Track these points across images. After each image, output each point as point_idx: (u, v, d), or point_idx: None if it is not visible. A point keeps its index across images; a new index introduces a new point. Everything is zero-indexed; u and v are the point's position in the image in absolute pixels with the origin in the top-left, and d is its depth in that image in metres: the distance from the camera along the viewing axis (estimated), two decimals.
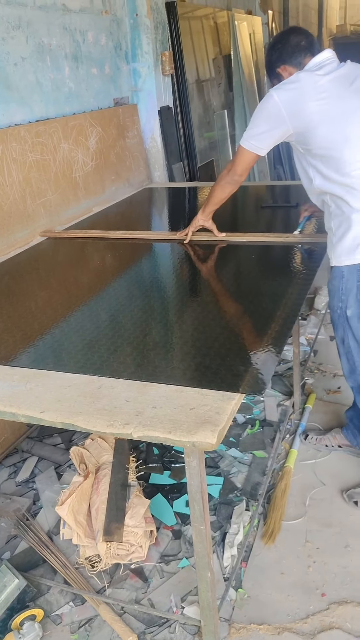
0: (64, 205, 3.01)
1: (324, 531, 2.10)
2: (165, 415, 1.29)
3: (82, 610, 1.87)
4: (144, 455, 2.48)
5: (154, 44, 3.72)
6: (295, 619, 1.79)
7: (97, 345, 1.64)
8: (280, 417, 2.71)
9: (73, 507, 1.97)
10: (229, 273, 2.19)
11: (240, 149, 2.06)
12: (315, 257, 2.19)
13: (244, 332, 1.65)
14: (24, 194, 2.72)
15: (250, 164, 2.11)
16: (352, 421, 2.39)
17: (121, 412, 1.32)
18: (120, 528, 1.91)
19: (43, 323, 1.82)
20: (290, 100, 1.89)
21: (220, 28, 5.56)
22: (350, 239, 1.92)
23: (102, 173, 3.38)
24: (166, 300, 2.00)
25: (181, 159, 4.20)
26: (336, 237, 1.97)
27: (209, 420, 1.25)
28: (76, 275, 2.32)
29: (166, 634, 1.77)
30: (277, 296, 1.87)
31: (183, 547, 2.05)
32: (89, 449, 2.28)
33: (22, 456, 2.58)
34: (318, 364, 3.17)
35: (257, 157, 2.06)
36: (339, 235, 1.96)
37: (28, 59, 2.77)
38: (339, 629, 1.74)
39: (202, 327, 1.70)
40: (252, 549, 2.05)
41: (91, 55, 3.30)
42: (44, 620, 1.83)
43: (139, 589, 1.91)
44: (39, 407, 1.36)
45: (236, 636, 1.75)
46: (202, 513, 1.42)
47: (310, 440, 2.52)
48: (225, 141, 5.74)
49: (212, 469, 2.40)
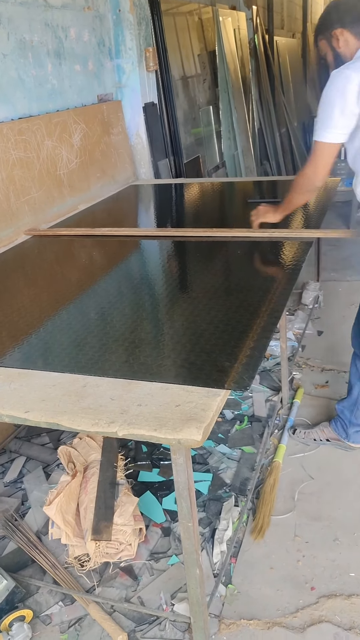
0: (49, 203, 2.99)
1: (313, 525, 2.11)
2: (150, 412, 1.28)
3: (72, 610, 1.86)
4: (132, 453, 2.48)
5: (137, 39, 3.70)
6: (285, 614, 1.80)
7: (82, 343, 1.63)
8: (269, 413, 2.71)
9: (61, 506, 1.96)
10: (215, 269, 2.18)
11: (318, 145, 1.92)
12: (301, 251, 2.19)
13: (230, 327, 1.64)
14: (8, 192, 2.69)
15: (333, 157, 1.95)
16: (342, 413, 2.41)
17: (106, 410, 1.31)
18: (109, 527, 1.90)
19: (28, 322, 1.81)
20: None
21: (205, 24, 5.55)
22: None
23: (87, 170, 3.36)
24: (153, 297, 2.00)
25: (167, 156, 4.18)
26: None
27: (194, 417, 1.25)
28: (63, 273, 2.30)
29: (156, 632, 1.77)
30: (263, 291, 1.87)
31: (172, 544, 2.05)
32: (77, 448, 2.27)
33: (10, 456, 2.56)
34: (306, 359, 3.18)
35: (339, 147, 1.92)
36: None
37: (9, 55, 2.74)
38: (328, 622, 1.75)
39: (188, 323, 1.70)
40: (241, 544, 2.05)
41: (74, 51, 3.27)
42: (33, 620, 1.82)
43: (128, 587, 1.91)
44: (23, 407, 1.35)
45: (226, 632, 1.75)
46: (190, 510, 1.42)
47: (299, 435, 2.53)
48: (212, 137, 5.73)
49: (201, 466, 2.40)
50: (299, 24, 9.25)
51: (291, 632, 1.74)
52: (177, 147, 4.28)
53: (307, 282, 3.84)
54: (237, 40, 6.09)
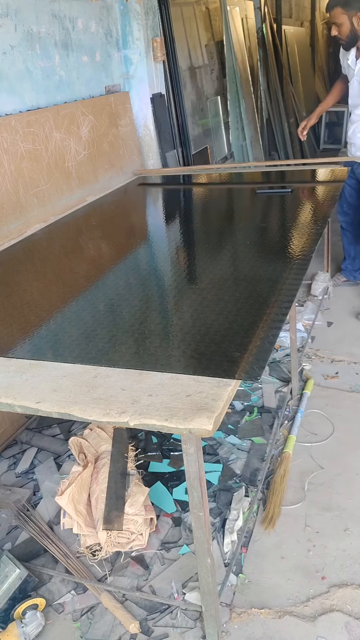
0: (57, 195, 2.99)
1: (324, 515, 2.11)
2: (161, 403, 1.29)
3: (84, 599, 1.88)
4: (143, 444, 2.49)
5: (144, 30, 3.67)
6: (296, 603, 1.81)
7: (92, 334, 1.64)
8: (279, 404, 2.71)
9: (73, 496, 1.97)
10: (225, 258, 2.18)
11: None
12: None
13: (239, 318, 1.64)
14: (17, 185, 2.70)
15: None
16: (346, 269, 3.86)
17: (117, 400, 1.31)
18: (120, 516, 1.92)
19: (38, 314, 1.82)
20: None
21: (213, 14, 5.51)
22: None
23: (95, 162, 3.36)
24: (161, 288, 2.00)
25: (175, 147, 4.17)
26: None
27: (205, 407, 1.25)
28: (71, 266, 2.31)
29: (168, 620, 1.78)
30: (273, 281, 1.87)
31: (183, 534, 2.06)
32: (88, 438, 2.28)
33: (21, 447, 2.58)
34: (315, 350, 3.18)
35: None
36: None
37: (17, 47, 2.74)
38: (339, 612, 1.76)
39: (197, 313, 1.70)
40: (252, 534, 2.06)
41: (81, 42, 3.26)
42: (46, 609, 1.84)
43: (140, 577, 1.93)
44: (35, 398, 1.36)
45: (237, 621, 1.77)
46: (201, 499, 1.42)
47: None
48: (220, 128, 5.69)
49: (211, 456, 2.40)
50: (307, 13, 9.13)
51: (302, 621, 1.74)
52: (185, 138, 4.27)
53: (316, 273, 3.81)
54: (245, 30, 6.03)
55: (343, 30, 3.06)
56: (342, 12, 3.00)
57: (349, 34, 3.08)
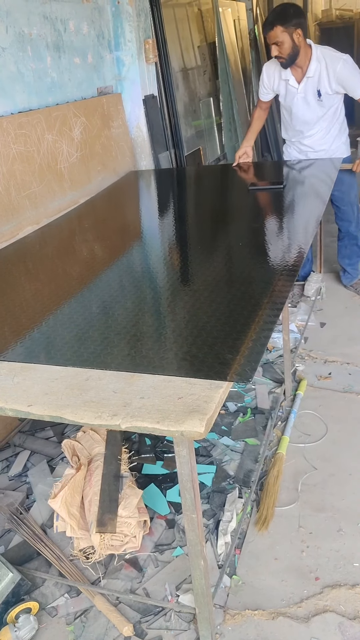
0: (50, 197, 2.99)
1: (317, 516, 2.11)
2: (153, 405, 1.28)
3: (78, 602, 1.87)
4: (136, 446, 2.49)
5: (137, 31, 3.68)
6: (289, 604, 1.81)
7: (85, 336, 1.63)
8: (272, 405, 2.71)
9: (66, 499, 1.97)
10: (218, 260, 2.18)
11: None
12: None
13: (231, 320, 1.64)
14: (8, 187, 2.69)
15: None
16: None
17: (109, 403, 1.31)
18: (114, 519, 1.91)
19: (30, 316, 1.81)
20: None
21: (205, 15, 5.52)
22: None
23: (87, 164, 3.35)
24: (154, 290, 1.99)
25: (167, 148, 4.17)
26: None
27: (197, 409, 1.25)
28: (64, 267, 2.31)
29: (162, 623, 1.78)
30: (265, 283, 1.87)
31: (177, 536, 2.06)
32: (81, 441, 2.28)
33: (14, 450, 2.57)
34: (308, 351, 3.18)
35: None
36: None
37: (8, 49, 2.73)
38: (332, 612, 1.76)
39: (190, 315, 1.70)
40: (245, 535, 2.06)
41: (73, 44, 3.25)
42: (39, 612, 1.83)
43: (133, 579, 1.92)
44: (26, 401, 1.36)
45: (231, 622, 1.77)
46: (194, 501, 1.42)
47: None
48: (212, 129, 5.71)
49: (205, 458, 2.40)
50: None
51: (296, 622, 1.75)
52: (177, 140, 4.27)
53: (309, 274, 3.82)
54: (237, 31, 6.06)
55: (285, 49, 3.02)
56: (283, 30, 2.97)
57: (290, 52, 3.04)
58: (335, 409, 2.68)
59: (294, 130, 3.46)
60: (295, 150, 3.57)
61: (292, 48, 3.03)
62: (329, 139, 3.41)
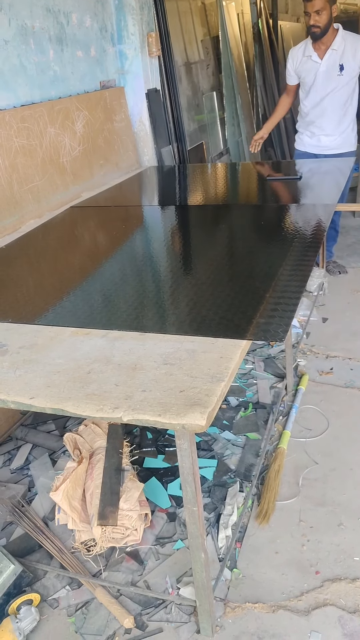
0: (52, 191, 2.98)
1: (318, 510, 2.12)
2: (154, 398, 1.29)
3: (79, 594, 1.88)
4: (137, 440, 2.49)
5: (139, 25, 3.66)
6: (289, 597, 1.81)
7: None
8: (273, 400, 2.72)
9: (67, 492, 1.97)
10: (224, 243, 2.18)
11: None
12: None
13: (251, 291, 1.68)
14: (11, 180, 2.69)
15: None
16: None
17: (111, 396, 1.31)
18: (115, 512, 1.92)
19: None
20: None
21: (208, 9, 5.49)
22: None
23: (90, 158, 3.35)
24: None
25: (170, 142, 4.16)
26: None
27: (198, 402, 1.25)
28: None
29: (162, 615, 1.79)
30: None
31: (178, 529, 2.07)
32: (83, 434, 2.28)
33: (16, 444, 2.58)
34: (310, 346, 3.18)
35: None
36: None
37: (11, 42, 2.72)
38: (332, 606, 1.77)
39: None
40: (246, 529, 2.06)
41: (76, 37, 3.24)
42: (40, 604, 1.84)
43: (134, 572, 1.93)
44: (28, 393, 1.36)
45: (231, 615, 1.77)
46: (195, 494, 1.43)
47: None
48: (215, 123, 5.68)
49: (206, 452, 2.41)
50: (303, 8, 9.12)
51: (296, 615, 1.75)
52: (180, 134, 4.25)
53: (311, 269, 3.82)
54: (241, 25, 6.02)
55: (323, 19, 3.25)
56: (325, 0, 3.19)
57: (326, 22, 3.27)
58: (336, 404, 2.68)
59: (309, 113, 3.62)
60: (307, 137, 3.72)
61: (328, 19, 3.26)
62: (341, 127, 3.58)
